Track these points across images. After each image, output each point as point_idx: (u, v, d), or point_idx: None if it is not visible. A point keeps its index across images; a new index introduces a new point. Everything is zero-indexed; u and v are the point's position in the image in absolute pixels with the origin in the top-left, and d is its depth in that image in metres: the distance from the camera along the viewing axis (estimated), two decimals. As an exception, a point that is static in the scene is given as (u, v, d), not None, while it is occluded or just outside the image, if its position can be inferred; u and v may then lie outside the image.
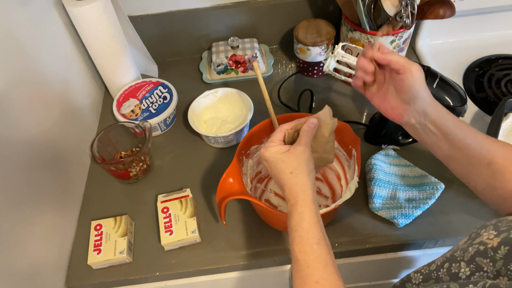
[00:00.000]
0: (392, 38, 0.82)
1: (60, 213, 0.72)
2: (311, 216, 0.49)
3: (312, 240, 0.47)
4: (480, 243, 0.41)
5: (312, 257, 0.46)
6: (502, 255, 0.38)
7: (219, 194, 0.63)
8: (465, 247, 0.43)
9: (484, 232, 0.43)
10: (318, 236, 0.47)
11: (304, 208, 0.49)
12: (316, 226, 0.48)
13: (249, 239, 0.72)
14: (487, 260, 0.39)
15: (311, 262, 0.46)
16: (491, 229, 0.42)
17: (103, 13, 0.79)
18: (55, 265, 0.69)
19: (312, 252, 0.46)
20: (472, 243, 0.43)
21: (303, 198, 0.50)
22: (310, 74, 0.99)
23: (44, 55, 0.74)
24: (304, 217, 0.48)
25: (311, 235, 0.47)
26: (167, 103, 0.88)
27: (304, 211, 0.49)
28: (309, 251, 0.46)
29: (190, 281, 0.74)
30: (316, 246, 0.47)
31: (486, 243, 0.40)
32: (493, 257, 0.38)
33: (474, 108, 0.88)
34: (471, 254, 0.41)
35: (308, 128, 0.55)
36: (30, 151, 0.65)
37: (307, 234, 0.47)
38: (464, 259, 0.41)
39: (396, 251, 0.73)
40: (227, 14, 0.98)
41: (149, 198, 0.79)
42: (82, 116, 0.87)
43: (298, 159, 0.52)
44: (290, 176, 0.51)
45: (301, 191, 0.50)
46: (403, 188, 0.73)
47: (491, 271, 0.38)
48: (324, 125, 0.57)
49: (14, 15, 0.66)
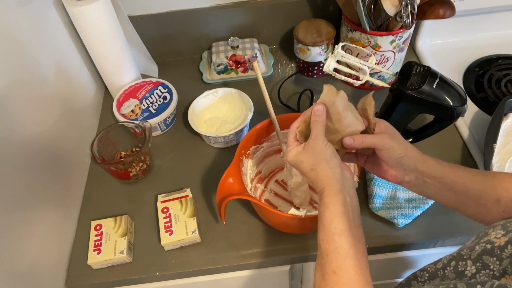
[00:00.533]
0: (392, 38, 0.82)
1: (60, 213, 0.72)
2: (336, 206, 0.48)
3: (334, 231, 0.47)
4: (487, 241, 0.41)
5: (332, 247, 0.46)
6: (509, 253, 0.38)
7: (219, 194, 0.63)
8: (472, 245, 0.43)
9: (492, 231, 0.42)
10: (341, 228, 0.47)
11: (328, 199, 0.49)
12: (341, 217, 0.47)
13: (249, 239, 0.72)
14: (493, 258, 0.39)
15: (331, 251, 0.46)
16: (499, 229, 0.42)
17: (103, 13, 0.79)
18: (55, 265, 0.69)
19: (332, 242, 0.46)
20: (480, 241, 0.42)
21: (328, 189, 0.50)
22: (310, 74, 0.99)
23: (44, 55, 0.74)
24: (328, 207, 0.48)
25: (334, 226, 0.47)
26: (167, 103, 0.88)
27: (328, 201, 0.49)
28: (330, 241, 0.46)
29: (190, 281, 0.74)
30: (337, 237, 0.46)
31: (493, 242, 0.40)
32: (499, 255, 0.38)
33: (474, 108, 0.88)
34: (477, 253, 0.41)
35: (316, 118, 0.53)
36: (30, 151, 0.65)
37: (330, 224, 0.47)
38: (470, 258, 0.41)
39: (396, 251, 0.73)
40: (227, 14, 0.98)
41: (149, 198, 0.79)
42: (82, 116, 0.87)
43: (314, 154, 0.51)
44: (312, 173, 0.51)
45: (326, 183, 0.50)
46: (403, 188, 0.73)
47: (497, 270, 0.38)
48: (332, 105, 0.54)
49: (14, 15, 0.66)
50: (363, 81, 0.74)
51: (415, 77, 0.69)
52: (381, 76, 0.92)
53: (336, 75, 0.75)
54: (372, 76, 0.88)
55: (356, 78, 0.74)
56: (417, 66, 0.70)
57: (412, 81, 0.69)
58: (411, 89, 0.68)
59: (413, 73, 0.70)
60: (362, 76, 0.73)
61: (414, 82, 0.69)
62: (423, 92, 0.68)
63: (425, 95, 0.68)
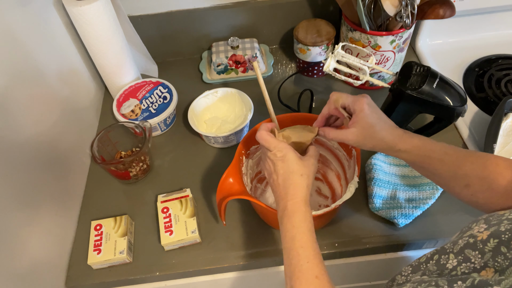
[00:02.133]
0: (392, 38, 0.82)
1: (60, 213, 0.72)
2: (311, 216, 0.53)
3: (313, 238, 0.50)
4: (470, 235, 0.42)
5: (313, 253, 0.49)
6: (491, 247, 0.38)
7: (219, 194, 0.63)
8: (455, 239, 0.44)
9: (475, 225, 0.43)
10: (315, 235, 0.51)
11: (308, 208, 0.53)
12: (313, 225, 0.52)
13: (249, 239, 0.72)
14: (475, 252, 0.39)
15: (312, 257, 0.48)
16: (482, 223, 0.43)
17: (103, 13, 0.79)
18: (55, 265, 0.69)
19: (313, 248, 0.49)
20: (463, 236, 0.43)
21: (306, 199, 0.54)
22: (310, 74, 0.99)
23: (44, 55, 0.74)
24: (306, 216, 0.52)
25: (313, 233, 0.51)
26: (167, 103, 0.88)
27: (307, 210, 0.53)
28: (311, 247, 0.49)
29: (190, 281, 0.74)
30: (316, 244, 0.50)
31: (476, 236, 0.41)
32: (482, 249, 0.39)
33: (474, 108, 0.88)
34: (460, 246, 0.41)
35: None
36: (30, 151, 0.65)
37: (310, 231, 0.51)
38: (453, 251, 0.42)
39: (396, 251, 0.73)
40: (227, 14, 0.98)
41: (149, 198, 0.79)
42: (82, 116, 0.87)
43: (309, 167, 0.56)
44: (300, 178, 0.54)
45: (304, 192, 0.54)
46: (403, 188, 0.73)
47: (478, 263, 0.38)
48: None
49: (14, 15, 0.66)
50: (363, 81, 0.74)
51: (415, 77, 0.69)
52: (381, 76, 0.92)
53: (336, 75, 0.75)
54: (372, 76, 0.88)
55: (356, 78, 0.74)
56: (417, 66, 0.70)
57: (412, 81, 0.69)
58: (411, 89, 0.68)
59: (413, 73, 0.70)
60: (362, 76, 0.73)
61: (414, 82, 0.69)
62: (423, 92, 0.68)
63: (425, 95, 0.68)
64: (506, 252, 0.36)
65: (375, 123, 0.54)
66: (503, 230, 0.38)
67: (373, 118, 0.55)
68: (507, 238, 0.37)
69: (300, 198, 0.53)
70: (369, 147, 0.56)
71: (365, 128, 0.54)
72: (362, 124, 0.55)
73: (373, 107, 0.56)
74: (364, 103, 0.55)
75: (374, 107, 0.56)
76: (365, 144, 0.56)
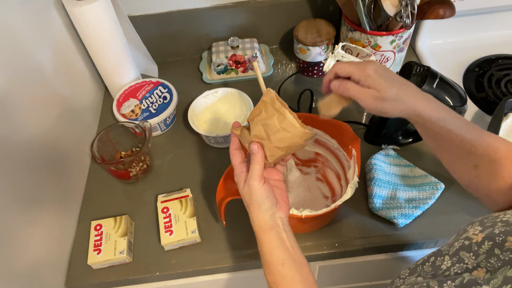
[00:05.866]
0: (392, 38, 0.82)
1: (60, 213, 0.72)
2: (271, 242, 0.52)
3: (276, 262, 0.50)
4: (466, 238, 0.42)
5: (279, 277, 0.50)
6: (485, 250, 0.38)
7: (219, 194, 0.63)
8: (451, 242, 0.44)
9: (471, 228, 0.44)
10: (282, 258, 0.50)
11: (262, 236, 0.52)
12: (278, 248, 0.51)
13: (249, 239, 0.72)
14: (470, 254, 0.40)
15: (278, 282, 0.50)
16: (477, 225, 0.43)
17: (103, 13, 0.79)
18: (55, 265, 0.69)
19: (278, 273, 0.50)
20: (458, 238, 0.43)
21: (259, 229, 0.53)
22: (310, 74, 0.99)
23: (44, 55, 0.74)
24: (264, 243, 0.52)
25: (274, 258, 0.51)
26: (167, 103, 0.88)
27: (262, 238, 0.52)
28: (275, 272, 0.50)
29: (190, 281, 0.74)
30: (281, 267, 0.50)
31: (471, 238, 0.41)
32: (476, 251, 0.39)
33: (474, 108, 0.88)
34: (456, 249, 0.42)
35: (253, 157, 0.52)
36: (30, 151, 0.65)
37: (271, 257, 0.51)
38: (449, 253, 0.42)
39: (396, 251, 0.73)
40: (227, 14, 0.98)
41: (149, 198, 0.79)
42: (82, 116, 0.87)
43: (250, 193, 0.53)
44: (248, 210, 0.54)
45: (257, 223, 0.53)
46: (403, 188, 0.73)
47: (471, 264, 0.39)
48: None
49: (14, 15, 0.66)
50: (363, 81, 0.74)
51: (415, 77, 0.69)
52: (381, 76, 0.92)
53: (336, 75, 0.75)
54: (372, 76, 0.88)
55: (356, 78, 0.74)
56: (417, 66, 0.70)
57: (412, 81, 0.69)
58: (411, 89, 0.68)
59: (413, 73, 0.70)
60: (362, 76, 0.73)
61: (414, 82, 0.69)
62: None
63: (425, 95, 0.68)
64: (499, 254, 0.37)
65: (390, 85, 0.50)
66: (497, 232, 0.39)
67: (387, 83, 0.50)
68: (501, 241, 0.38)
69: (254, 229, 0.53)
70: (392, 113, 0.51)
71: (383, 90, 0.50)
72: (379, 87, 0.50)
73: (384, 70, 0.52)
74: (369, 69, 0.50)
75: (385, 71, 0.52)
76: (385, 108, 0.51)
